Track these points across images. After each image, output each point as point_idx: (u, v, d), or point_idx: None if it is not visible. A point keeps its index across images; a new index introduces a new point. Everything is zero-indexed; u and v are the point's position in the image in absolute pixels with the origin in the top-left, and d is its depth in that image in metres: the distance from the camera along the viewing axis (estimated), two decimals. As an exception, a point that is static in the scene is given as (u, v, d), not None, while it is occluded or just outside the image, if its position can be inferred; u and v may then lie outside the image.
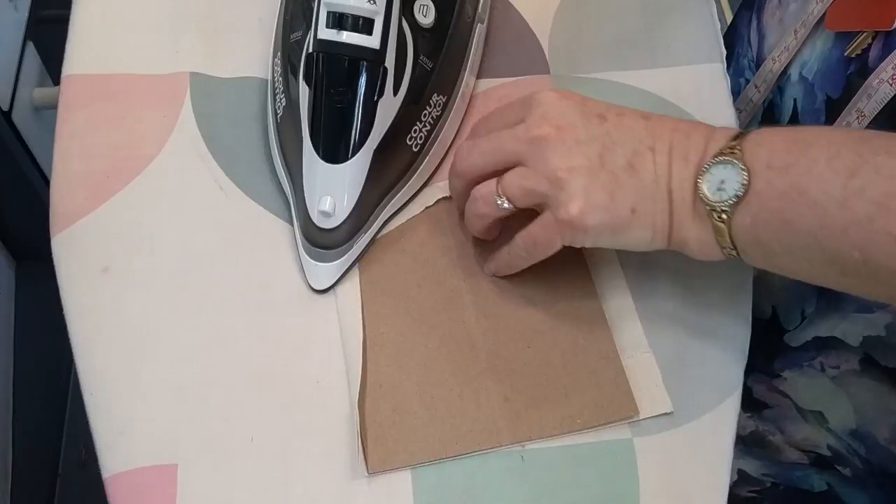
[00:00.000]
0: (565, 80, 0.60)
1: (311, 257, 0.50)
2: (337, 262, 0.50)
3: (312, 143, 0.49)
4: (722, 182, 0.43)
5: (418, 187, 0.54)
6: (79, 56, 0.57)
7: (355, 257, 0.51)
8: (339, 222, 0.49)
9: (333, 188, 0.49)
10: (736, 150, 0.43)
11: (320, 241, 0.50)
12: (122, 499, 0.44)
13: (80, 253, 0.50)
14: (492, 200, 0.47)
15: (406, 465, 0.45)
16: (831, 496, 0.63)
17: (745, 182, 0.42)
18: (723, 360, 0.51)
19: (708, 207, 0.43)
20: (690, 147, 0.45)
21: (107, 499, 0.44)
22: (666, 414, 0.48)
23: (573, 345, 0.50)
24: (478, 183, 0.48)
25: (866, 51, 0.48)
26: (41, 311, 1.09)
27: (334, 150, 0.49)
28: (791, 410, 0.59)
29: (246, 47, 0.59)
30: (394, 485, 0.45)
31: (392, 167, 0.51)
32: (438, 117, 0.54)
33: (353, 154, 0.48)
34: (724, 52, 0.62)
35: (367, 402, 0.47)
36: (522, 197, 0.46)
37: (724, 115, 0.59)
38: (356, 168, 0.49)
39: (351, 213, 0.49)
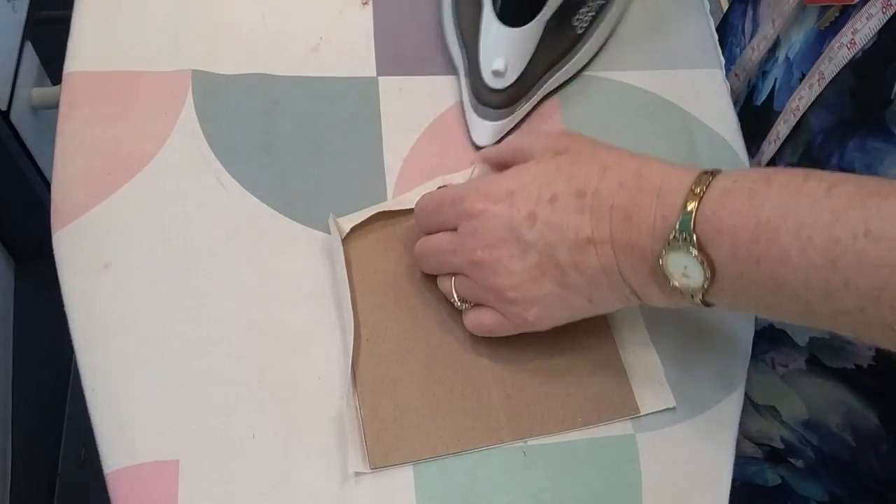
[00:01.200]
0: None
1: (478, 114, 0.56)
2: (500, 122, 0.56)
3: (493, 5, 0.54)
4: (685, 268, 0.40)
5: (578, 69, 0.60)
6: (80, 53, 0.57)
7: (516, 122, 0.57)
8: (508, 83, 0.55)
9: (507, 50, 0.54)
10: (688, 239, 0.39)
11: (488, 100, 0.56)
12: (123, 494, 0.44)
13: (82, 249, 0.50)
14: (450, 294, 0.48)
15: (408, 460, 0.45)
16: (785, 489, 0.63)
17: (708, 275, 0.39)
18: (725, 356, 0.51)
19: (679, 291, 0.41)
20: (633, 231, 0.41)
21: (108, 496, 0.44)
22: (668, 409, 0.48)
23: (574, 342, 0.50)
24: None
25: (834, 24, 0.49)
26: (40, 310, 1.09)
27: (513, 14, 0.54)
28: (746, 405, 0.60)
29: (248, 44, 0.59)
30: (396, 480, 0.45)
31: (558, 43, 0.57)
32: (602, 6, 0.60)
33: (529, 20, 0.54)
34: (723, 60, 0.63)
35: (369, 397, 0.47)
36: (476, 301, 0.47)
37: (724, 117, 0.60)
38: (529, 34, 0.55)
39: (519, 76, 0.55)
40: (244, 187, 0.53)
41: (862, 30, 0.45)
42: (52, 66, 1.07)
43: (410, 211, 0.53)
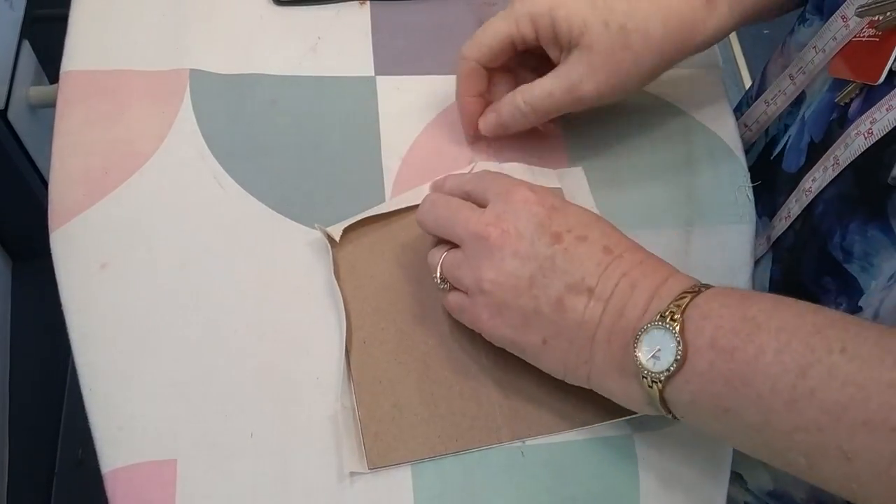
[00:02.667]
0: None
1: None
2: None
3: None
4: (658, 350, 0.40)
5: None
6: (78, 52, 0.57)
7: None
8: None
9: None
10: (676, 318, 0.40)
11: None
12: (121, 494, 0.43)
13: (79, 249, 0.50)
14: (434, 269, 0.48)
15: (406, 460, 0.45)
16: None
17: (678, 357, 0.39)
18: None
19: (642, 373, 0.40)
20: (630, 301, 0.42)
21: (105, 495, 0.44)
22: (666, 410, 0.48)
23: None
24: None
25: (851, 101, 0.48)
26: (37, 310, 1.09)
27: None
28: None
29: (246, 44, 0.59)
30: (394, 481, 0.45)
31: None
32: None
33: None
34: (721, 63, 0.63)
35: (367, 398, 0.47)
36: (454, 283, 0.47)
37: (722, 118, 0.60)
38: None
39: None
40: (242, 187, 0.53)
41: (881, 120, 0.44)
42: (50, 64, 1.07)
43: (405, 209, 0.53)
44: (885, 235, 0.44)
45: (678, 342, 0.39)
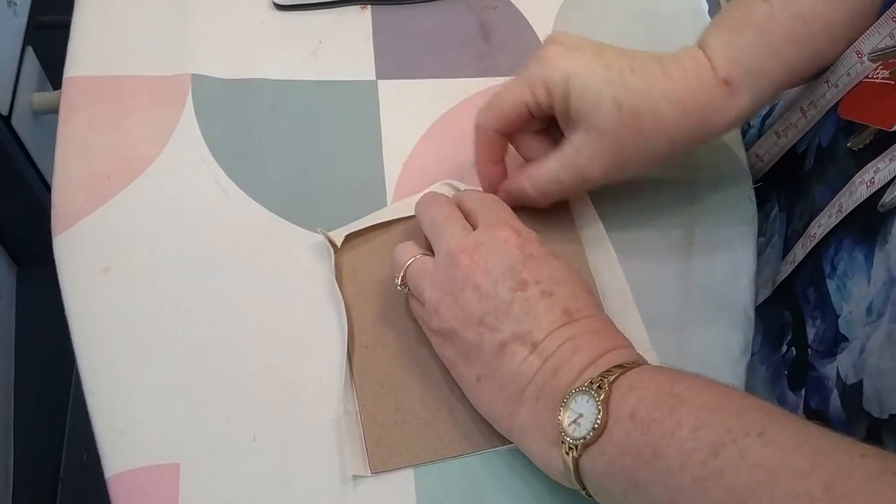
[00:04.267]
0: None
1: None
2: None
3: None
4: (580, 416, 0.39)
5: None
6: (81, 58, 0.57)
7: None
8: None
9: None
10: (604, 387, 0.39)
11: None
12: (124, 498, 0.44)
13: (82, 253, 0.50)
14: (395, 273, 0.48)
15: (408, 464, 0.45)
16: None
17: (596, 425, 0.38)
18: (724, 360, 0.51)
19: (562, 438, 0.40)
20: (567, 364, 0.41)
21: (109, 499, 0.44)
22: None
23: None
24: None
25: (865, 148, 0.46)
26: (42, 315, 1.09)
27: None
28: None
29: (248, 49, 0.59)
30: (396, 485, 0.45)
31: None
32: None
33: None
34: None
35: (370, 402, 0.47)
36: (413, 289, 0.48)
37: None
38: None
39: None
40: (244, 191, 0.53)
41: (883, 170, 0.43)
42: (54, 70, 1.07)
43: (411, 218, 0.53)
44: (865, 261, 0.43)
45: (599, 410, 0.38)
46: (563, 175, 0.50)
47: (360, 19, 0.62)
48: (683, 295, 0.53)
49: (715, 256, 0.55)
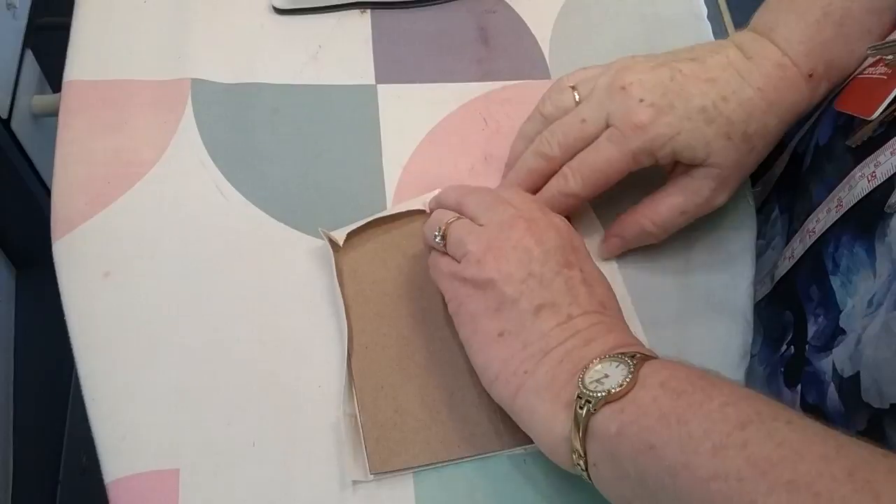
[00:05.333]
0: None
1: None
2: None
3: None
4: (605, 376, 0.39)
5: None
6: (80, 62, 0.57)
7: None
8: None
9: None
10: (636, 358, 0.40)
11: None
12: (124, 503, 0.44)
13: (82, 258, 0.50)
14: (433, 230, 0.48)
15: (408, 466, 0.45)
16: None
17: (622, 383, 0.38)
18: (723, 362, 0.51)
19: (579, 392, 0.40)
20: (600, 339, 0.43)
21: (108, 504, 0.44)
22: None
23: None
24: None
25: (866, 144, 0.47)
26: (41, 318, 1.09)
27: None
28: None
29: (247, 53, 0.59)
30: (396, 489, 0.45)
31: None
32: None
33: None
34: None
35: (369, 403, 0.47)
36: (453, 245, 0.47)
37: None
38: None
39: None
40: (244, 196, 0.53)
41: (885, 164, 0.43)
42: (54, 73, 1.07)
43: (409, 216, 0.53)
44: (868, 256, 0.43)
45: (630, 373, 0.39)
46: (689, 207, 0.51)
47: (359, 23, 0.62)
48: (682, 300, 0.53)
49: (714, 261, 0.55)
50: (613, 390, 0.38)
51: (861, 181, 0.45)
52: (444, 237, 0.48)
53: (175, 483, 0.44)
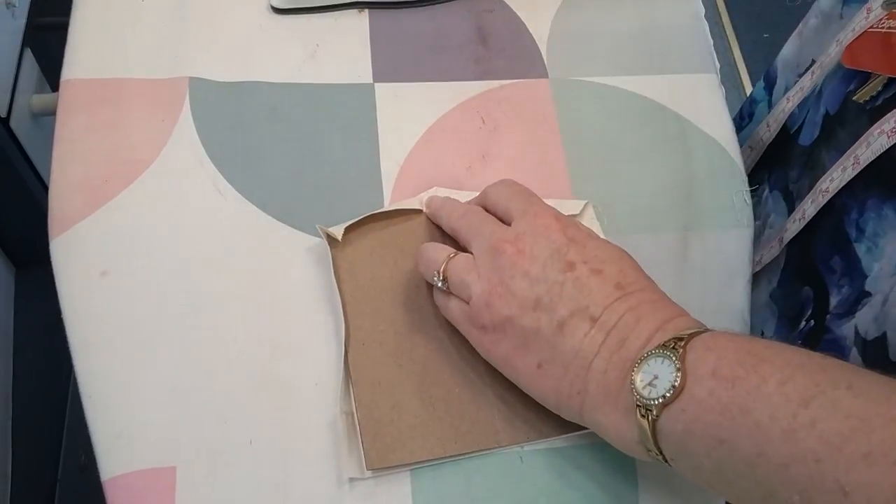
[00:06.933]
0: (563, 83, 0.60)
1: None
2: None
3: None
4: (655, 378, 0.39)
5: None
6: (78, 60, 0.57)
7: None
8: None
9: None
10: (678, 348, 0.39)
11: None
12: (121, 501, 0.44)
13: (79, 256, 0.50)
14: (431, 271, 0.48)
15: (404, 462, 0.45)
16: None
17: (675, 384, 0.38)
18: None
19: (637, 401, 0.39)
20: (633, 333, 0.42)
21: (106, 502, 0.44)
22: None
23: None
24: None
25: (874, 98, 0.47)
26: (40, 317, 1.09)
27: None
28: None
29: (245, 52, 0.59)
30: (393, 487, 0.45)
31: None
32: None
33: None
34: (718, 65, 0.63)
35: (366, 400, 0.47)
36: (456, 286, 0.47)
37: (719, 122, 0.60)
38: None
39: None
40: (241, 194, 0.53)
41: None
42: (53, 72, 1.07)
43: (407, 213, 0.53)
44: None
45: (677, 369, 0.38)
46: None
47: (357, 22, 0.62)
48: (679, 299, 0.53)
49: (710, 260, 0.55)
50: (668, 394, 0.38)
51: (880, 137, 0.44)
52: (444, 279, 0.48)
53: (172, 480, 0.44)
